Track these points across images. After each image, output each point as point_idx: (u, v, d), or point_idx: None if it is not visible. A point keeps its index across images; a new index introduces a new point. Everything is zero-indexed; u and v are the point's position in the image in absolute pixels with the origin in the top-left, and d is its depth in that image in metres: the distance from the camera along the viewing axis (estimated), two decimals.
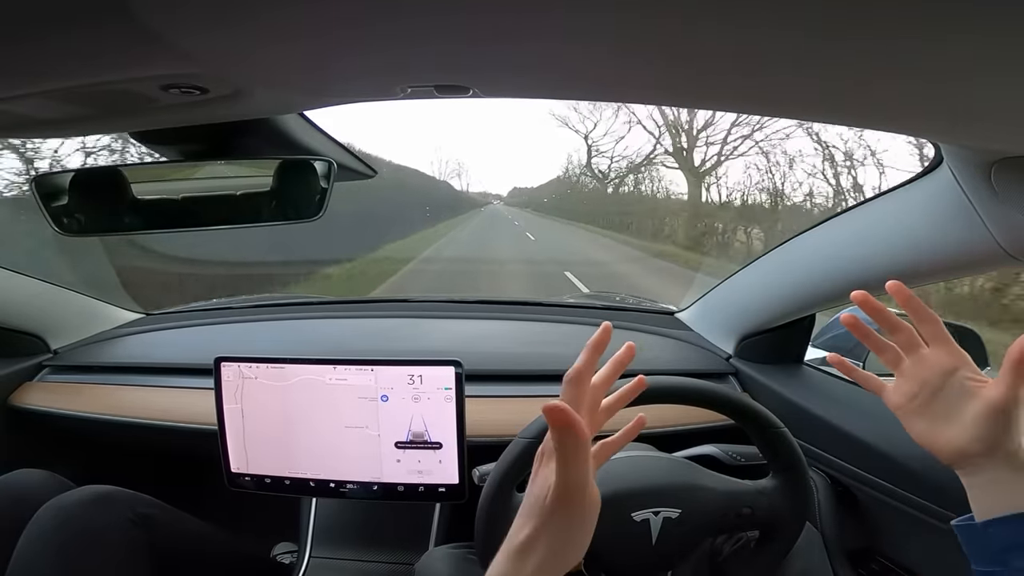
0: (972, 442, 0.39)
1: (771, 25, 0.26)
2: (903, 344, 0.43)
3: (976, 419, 0.39)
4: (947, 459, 0.41)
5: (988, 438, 0.38)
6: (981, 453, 0.39)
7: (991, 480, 0.39)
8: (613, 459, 0.60)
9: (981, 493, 0.40)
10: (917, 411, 0.42)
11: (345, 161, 0.62)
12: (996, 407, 0.38)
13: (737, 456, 0.72)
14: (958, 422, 0.40)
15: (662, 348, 1.07)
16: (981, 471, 0.39)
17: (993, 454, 0.38)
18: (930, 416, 0.41)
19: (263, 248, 5.39)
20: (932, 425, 0.41)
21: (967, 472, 0.40)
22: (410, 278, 7.02)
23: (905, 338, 0.43)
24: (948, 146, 0.51)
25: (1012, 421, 0.38)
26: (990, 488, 0.39)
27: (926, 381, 0.42)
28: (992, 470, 0.39)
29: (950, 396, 0.41)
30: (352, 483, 0.80)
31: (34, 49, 0.30)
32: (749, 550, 0.63)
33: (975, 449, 0.39)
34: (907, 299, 0.43)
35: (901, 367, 0.43)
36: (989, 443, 0.38)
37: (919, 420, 0.42)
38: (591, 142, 17.34)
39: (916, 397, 0.42)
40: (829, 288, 0.76)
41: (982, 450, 0.39)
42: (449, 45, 0.31)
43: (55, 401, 0.95)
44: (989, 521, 0.39)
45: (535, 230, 16.10)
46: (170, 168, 0.60)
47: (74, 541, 0.66)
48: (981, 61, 0.27)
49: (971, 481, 0.40)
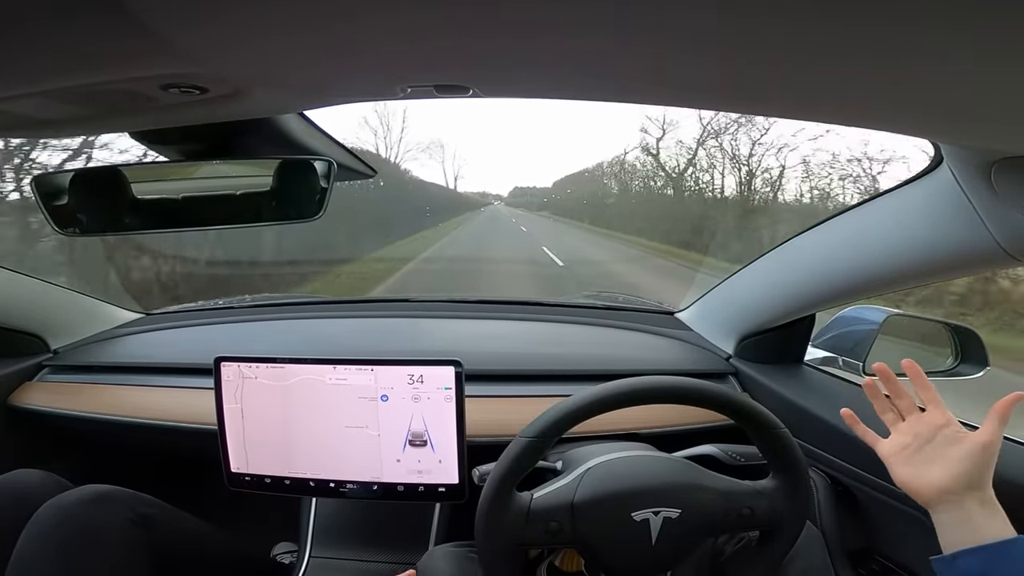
0: (955, 479, 0.46)
1: (771, 25, 0.26)
2: (903, 407, 0.52)
3: (962, 459, 0.47)
4: (927, 498, 0.48)
5: (970, 475, 0.46)
6: (959, 491, 0.46)
7: (962, 517, 0.46)
8: (613, 459, 0.60)
9: (951, 529, 0.47)
10: (906, 459, 0.50)
11: (345, 161, 0.62)
12: (983, 444, 0.46)
13: (737, 456, 0.72)
14: (943, 464, 0.48)
15: (662, 348, 1.07)
16: (955, 509, 0.47)
17: (969, 492, 0.46)
18: (916, 462, 0.49)
19: (262, 249, 5.37)
20: (918, 470, 0.49)
21: (942, 511, 0.48)
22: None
23: (906, 403, 0.52)
24: (948, 146, 0.51)
25: (991, 460, 0.47)
26: (960, 524, 0.46)
27: (918, 434, 0.50)
28: (964, 508, 0.46)
29: (937, 445, 0.49)
30: (352, 483, 0.80)
31: (34, 49, 0.30)
32: (750, 550, 0.63)
33: (956, 486, 0.46)
34: (916, 374, 0.52)
35: (897, 425, 0.52)
36: (969, 481, 0.46)
37: (906, 467, 0.50)
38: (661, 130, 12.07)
39: (907, 447, 0.50)
40: (829, 288, 0.76)
41: (961, 488, 0.46)
42: (449, 45, 0.31)
43: (55, 401, 0.95)
44: (958, 552, 0.46)
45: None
46: (170, 168, 0.60)
47: (73, 540, 0.66)
48: (981, 61, 0.27)
49: (943, 519, 0.48)
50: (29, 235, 2.81)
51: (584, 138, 43.14)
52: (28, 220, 2.80)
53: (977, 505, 0.46)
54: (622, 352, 1.05)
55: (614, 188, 16.00)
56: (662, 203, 11.93)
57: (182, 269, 3.97)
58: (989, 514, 0.46)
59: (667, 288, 6.12)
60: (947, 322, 0.88)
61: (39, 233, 2.70)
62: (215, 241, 4.24)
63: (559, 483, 0.58)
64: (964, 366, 0.84)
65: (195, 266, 4.22)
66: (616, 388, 0.57)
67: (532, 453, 0.56)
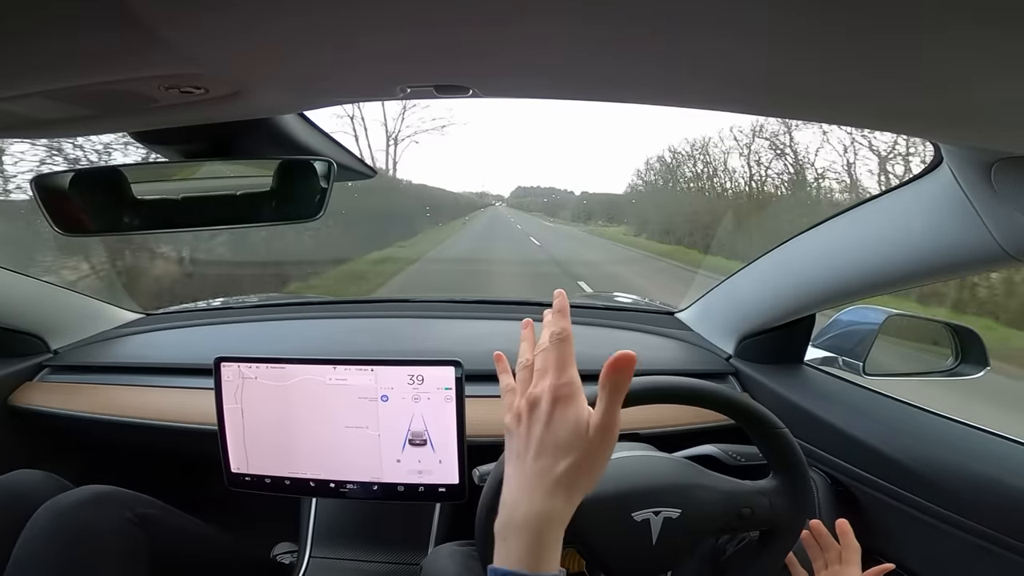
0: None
1: (770, 27, 0.26)
2: (830, 558, 0.63)
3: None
4: None
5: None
6: None
7: None
8: (613, 459, 0.60)
9: None
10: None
11: (345, 161, 0.62)
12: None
13: (737, 456, 0.72)
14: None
15: (662, 348, 1.07)
16: None
17: None
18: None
19: (258, 249, 5.30)
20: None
21: None
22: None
23: (833, 555, 0.63)
24: (948, 146, 0.51)
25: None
26: None
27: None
28: None
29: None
30: (352, 483, 0.80)
31: (35, 49, 0.30)
32: (750, 550, 0.63)
33: None
34: (844, 533, 0.63)
35: (820, 573, 0.63)
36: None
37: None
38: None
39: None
40: (829, 288, 0.76)
41: None
42: (449, 45, 0.31)
43: (55, 401, 0.95)
44: None
45: None
46: (170, 168, 0.60)
47: (73, 541, 0.66)
48: (981, 61, 0.27)
49: None
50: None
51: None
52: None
53: None
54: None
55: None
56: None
57: (176, 269, 3.94)
58: None
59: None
60: (947, 322, 0.88)
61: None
62: (195, 242, 4.17)
63: None
64: (964, 366, 0.84)
65: (180, 266, 4.18)
66: None
67: None
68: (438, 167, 60.66)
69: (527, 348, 0.48)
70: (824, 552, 0.63)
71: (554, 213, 26.54)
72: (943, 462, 0.66)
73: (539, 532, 0.38)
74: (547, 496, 0.39)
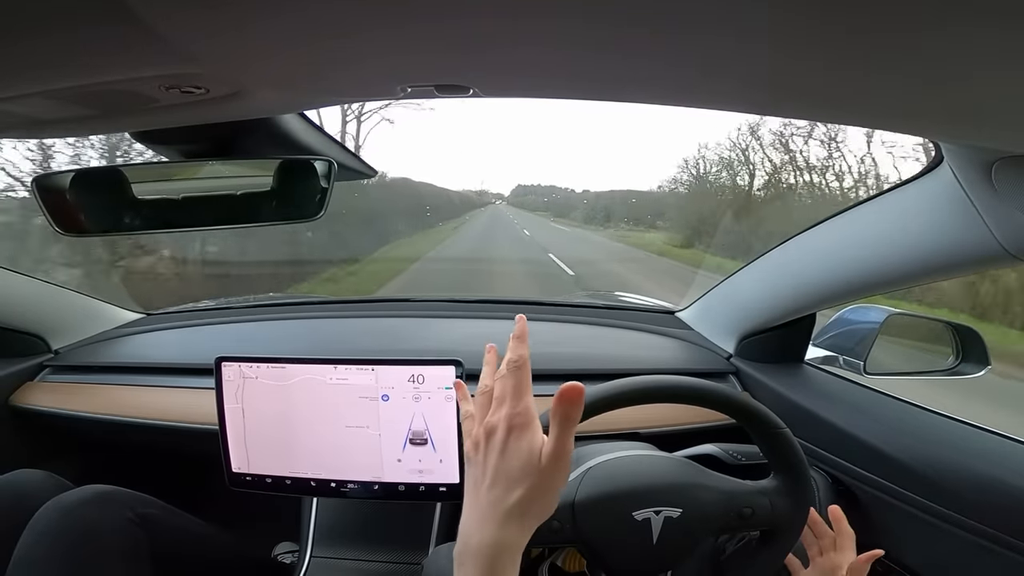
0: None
1: (771, 26, 0.26)
2: (825, 545, 0.63)
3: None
4: None
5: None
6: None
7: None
8: (614, 458, 0.60)
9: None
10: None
11: (345, 161, 0.62)
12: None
13: (738, 456, 0.72)
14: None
15: (662, 347, 1.07)
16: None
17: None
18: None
19: (258, 250, 5.24)
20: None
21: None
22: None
23: (825, 543, 0.63)
24: (949, 145, 0.51)
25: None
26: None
27: (824, 570, 0.61)
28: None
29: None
30: (353, 483, 0.80)
31: (36, 49, 0.30)
32: (751, 550, 0.63)
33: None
34: (837, 520, 0.63)
35: (815, 560, 0.63)
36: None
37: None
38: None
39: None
40: (830, 287, 0.76)
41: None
42: (449, 45, 0.31)
43: (56, 401, 0.95)
44: None
45: None
46: (170, 168, 0.60)
47: (77, 541, 0.66)
48: (981, 60, 0.27)
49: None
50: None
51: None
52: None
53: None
54: (623, 351, 1.05)
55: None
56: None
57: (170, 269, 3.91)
58: None
59: None
60: (948, 321, 0.88)
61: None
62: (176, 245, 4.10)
63: None
64: (965, 365, 0.84)
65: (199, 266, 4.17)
66: (617, 387, 0.57)
67: None
68: (437, 166, 60.44)
69: (488, 373, 0.47)
70: (819, 539, 0.64)
71: (562, 213, 21.82)
72: (944, 461, 0.66)
73: (492, 561, 0.39)
74: (499, 527, 0.40)
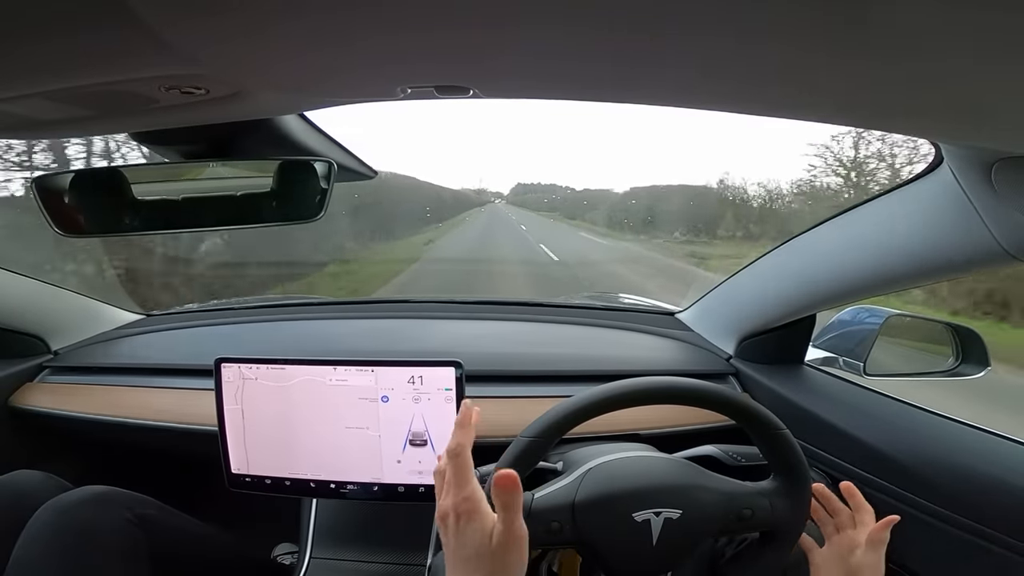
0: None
1: (771, 27, 0.26)
2: (839, 523, 0.61)
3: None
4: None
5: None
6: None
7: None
8: (614, 459, 0.60)
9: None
10: (829, 570, 0.59)
11: (345, 162, 0.62)
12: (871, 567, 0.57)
13: (738, 457, 0.72)
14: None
15: (662, 348, 1.07)
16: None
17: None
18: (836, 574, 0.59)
19: (257, 250, 5.19)
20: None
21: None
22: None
23: (841, 519, 0.61)
24: (948, 146, 0.51)
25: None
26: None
27: (841, 547, 0.59)
28: None
29: (855, 562, 0.57)
30: (352, 484, 0.80)
31: (35, 49, 0.30)
32: (750, 552, 0.63)
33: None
34: (850, 494, 0.60)
35: (832, 538, 0.60)
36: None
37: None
38: None
39: (832, 559, 0.59)
40: (830, 288, 0.76)
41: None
42: (449, 46, 0.31)
43: (55, 402, 0.95)
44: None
45: None
46: (170, 169, 0.60)
47: (73, 541, 0.66)
48: (981, 60, 0.27)
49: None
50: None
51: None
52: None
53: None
54: (623, 352, 1.05)
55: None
56: None
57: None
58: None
59: None
60: (948, 322, 0.88)
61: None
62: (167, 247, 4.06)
63: (560, 483, 0.58)
64: (965, 366, 0.84)
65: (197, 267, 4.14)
66: (617, 389, 0.57)
67: (533, 453, 0.56)
68: (436, 164, 59.99)
69: (454, 435, 0.48)
70: (834, 516, 0.61)
71: (575, 214, 16.50)
72: (943, 462, 0.66)
73: None
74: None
